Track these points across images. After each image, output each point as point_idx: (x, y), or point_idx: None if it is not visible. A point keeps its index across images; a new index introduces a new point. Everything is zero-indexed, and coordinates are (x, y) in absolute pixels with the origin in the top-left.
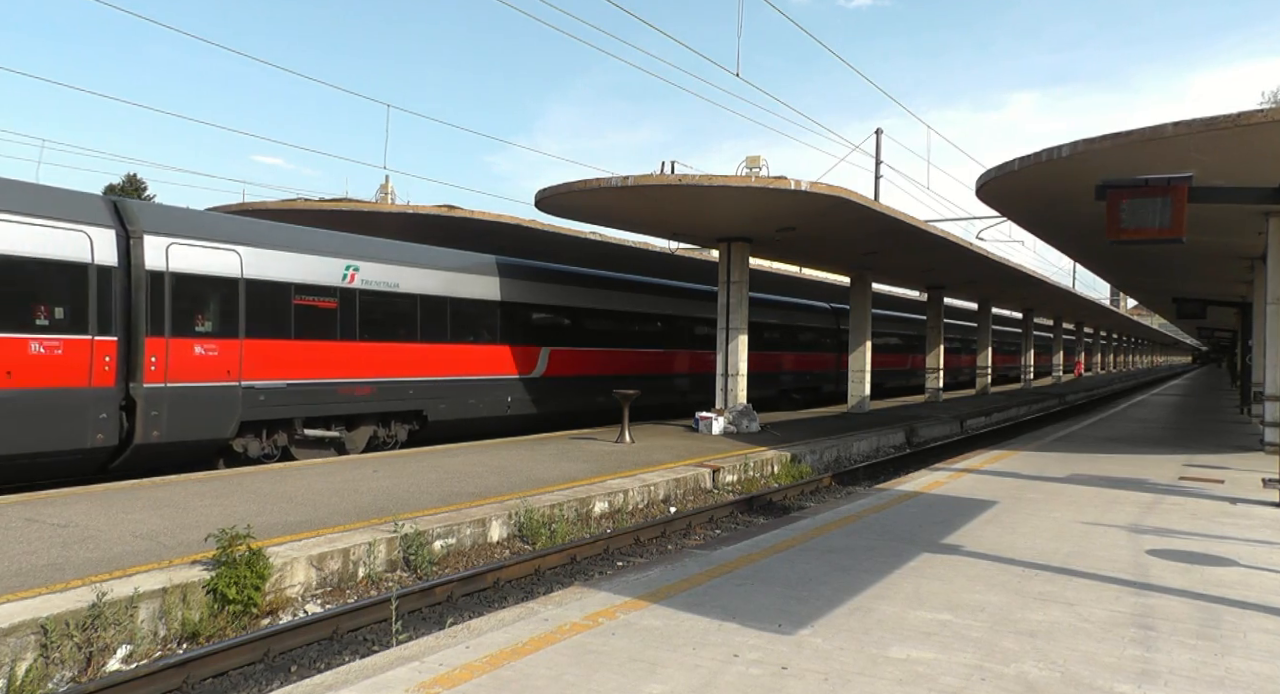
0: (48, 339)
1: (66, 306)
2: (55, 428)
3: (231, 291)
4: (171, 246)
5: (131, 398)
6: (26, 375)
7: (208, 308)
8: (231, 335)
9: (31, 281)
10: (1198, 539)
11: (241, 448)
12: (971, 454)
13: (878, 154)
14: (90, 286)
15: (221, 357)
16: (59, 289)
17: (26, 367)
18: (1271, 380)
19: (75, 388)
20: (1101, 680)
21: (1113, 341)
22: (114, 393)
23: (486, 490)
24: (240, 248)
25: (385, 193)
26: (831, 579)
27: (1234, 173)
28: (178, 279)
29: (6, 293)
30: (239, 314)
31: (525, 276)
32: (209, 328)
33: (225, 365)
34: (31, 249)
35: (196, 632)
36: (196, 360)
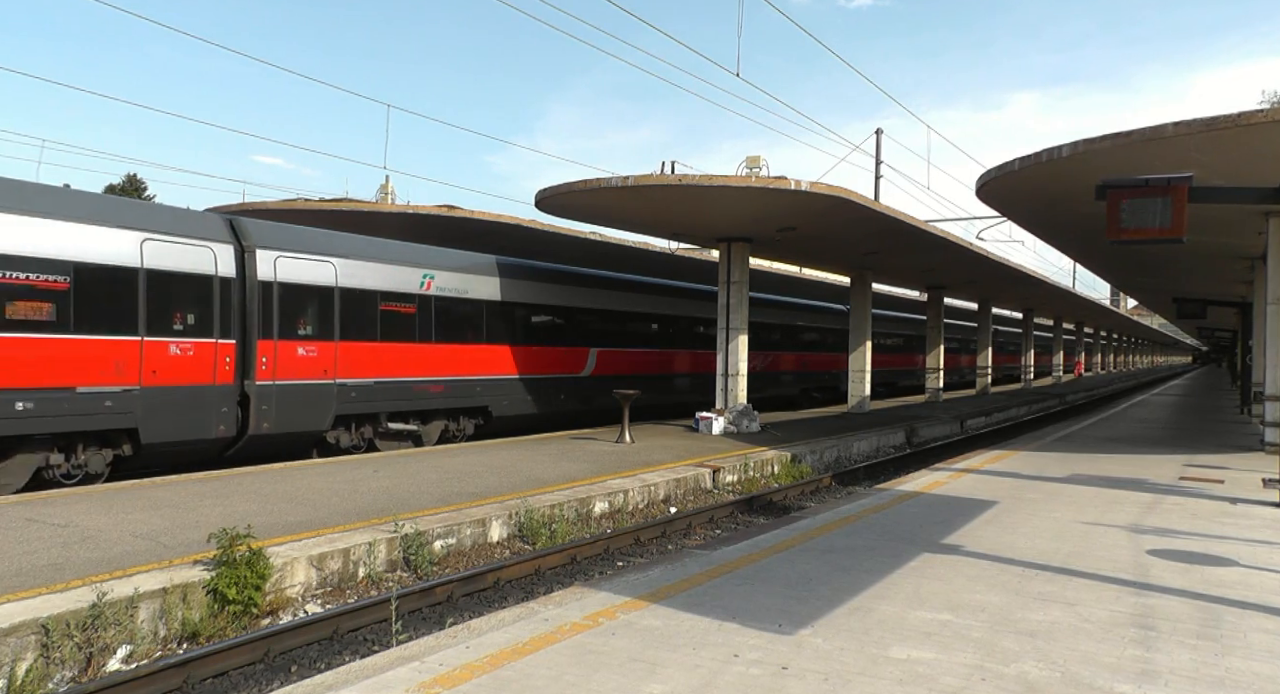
0: (182, 342)
1: (196, 313)
2: (188, 419)
3: (328, 299)
4: (278, 259)
5: (246, 394)
6: (167, 374)
7: (308, 313)
8: (328, 338)
9: (171, 292)
10: (1198, 539)
11: (334, 439)
12: (972, 454)
13: (878, 154)
14: (215, 296)
15: (320, 357)
16: (191, 298)
17: (167, 366)
18: (1271, 380)
19: (203, 385)
20: (1102, 680)
21: (1113, 342)
22: (233, 389)
23: (486, 490)
24: (335, 259)
25: (385, 193)
26: (832, 579)
27: (1234, 173)
28: (283, 288)
29: (153, 302)
30: (334, 319)
31: (576, 283)
32: (309, 331)
33: (323, 365)
34: (172, 264)
35: (197, 632)
36: (299, 361)
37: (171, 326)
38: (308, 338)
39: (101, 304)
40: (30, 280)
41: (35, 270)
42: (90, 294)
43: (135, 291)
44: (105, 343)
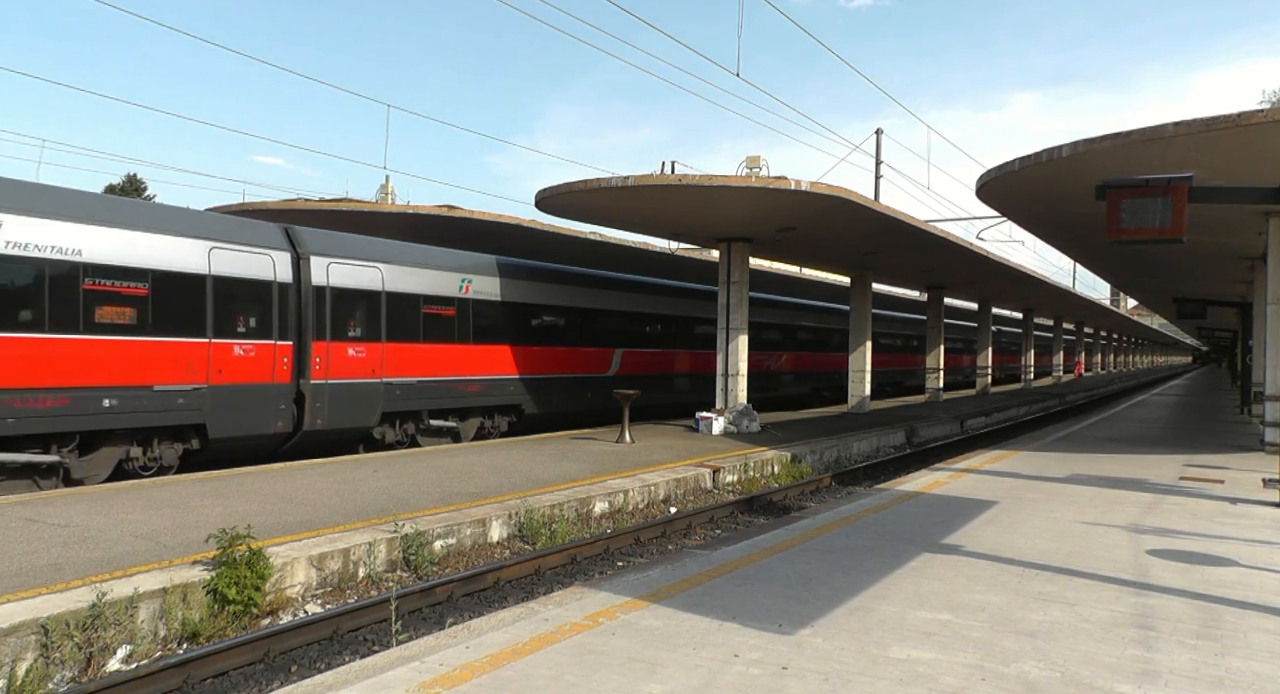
0: (245, 344)
1: (257, 317)
2: (250, 416)
3: (375, 302)
4: (331, 265)
5: (301, 392)
6: (231, 373)
7: (357, 316)
8: (376, 339)
9: (235, 297)
10: (1198, 539)
11: (380, 434)
12: (972, 454)
13: (878, 154)
14: (274, 300)
15: (368, 357)
16: (253, 303)
17: (231, 366)
18: (1272, 380)
19: (264, 384)
20: (1102, 680)
21: (1113, 342)
22: (290, 388)
23: (486, 490)
24: (381, 265)
25: (385, 193)
26: (832, 579)
27: (1234, 173)
28: (335, 292)
29: (219, 307)
30: (381, 321)
31: (602, 286)
32: (358, 333)
33: (371, 365)
34: (236, 271)
35: (196, 632)
36: (349, 361)
37: (235, 329)
38: (357, 339)
39: (175, 309)
40: (116, 287)
41: (120, 278)
42: (165, 299)
43: (204, 297)
44: (178, 345)
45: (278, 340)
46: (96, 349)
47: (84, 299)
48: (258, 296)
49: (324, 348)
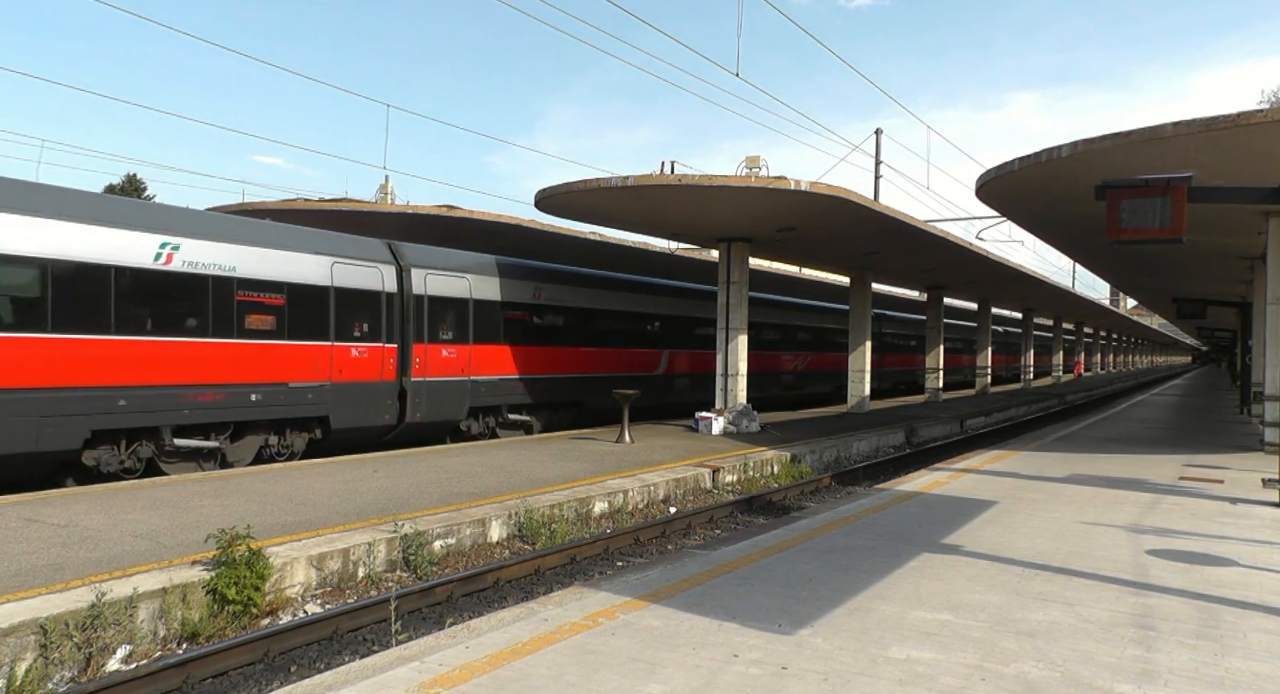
0: (359, 346)
1: (369, 322)
2: (364, 409)
3: (464, 309)
4: (428, 276)
5: (404, 389)
6: (350, 372)
7: (449, 321)
8: (464, 341)
9: (352, 306)
10: (1198, 539)
11: (466, 427)
12: (971, 454)
13: (877, 154)
14: (383, 308)
15: (458, 358)
16: (366, 310)
17: (350, 366)
18: (1271, 380)
19: (375, 381)
20: (1101, 680)
21: (1112, 342)
22: (395, 385)
23: (486, 490)
24: (469, 275)
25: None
26: (831, 579)
27: (1234, 173)
28: (431, 300)
29: (339, 314)
30: (469, 325)
31: (652, 292)
32: (450, 336)
33: (460, 364)
34: (353, 282)
35: (196, 632)
36: (443, 361)
37: (352, 333)
38: (449, 342)
39: (305, 316)
40: (261, 298)
41: (265, 291)
42: (298, 308)
43: (328, 306)
44: (308, 347)
45: (385, 343)
46: (247, 351)
47: (237, 309)
48: (369, 304)
49: (422, 350)
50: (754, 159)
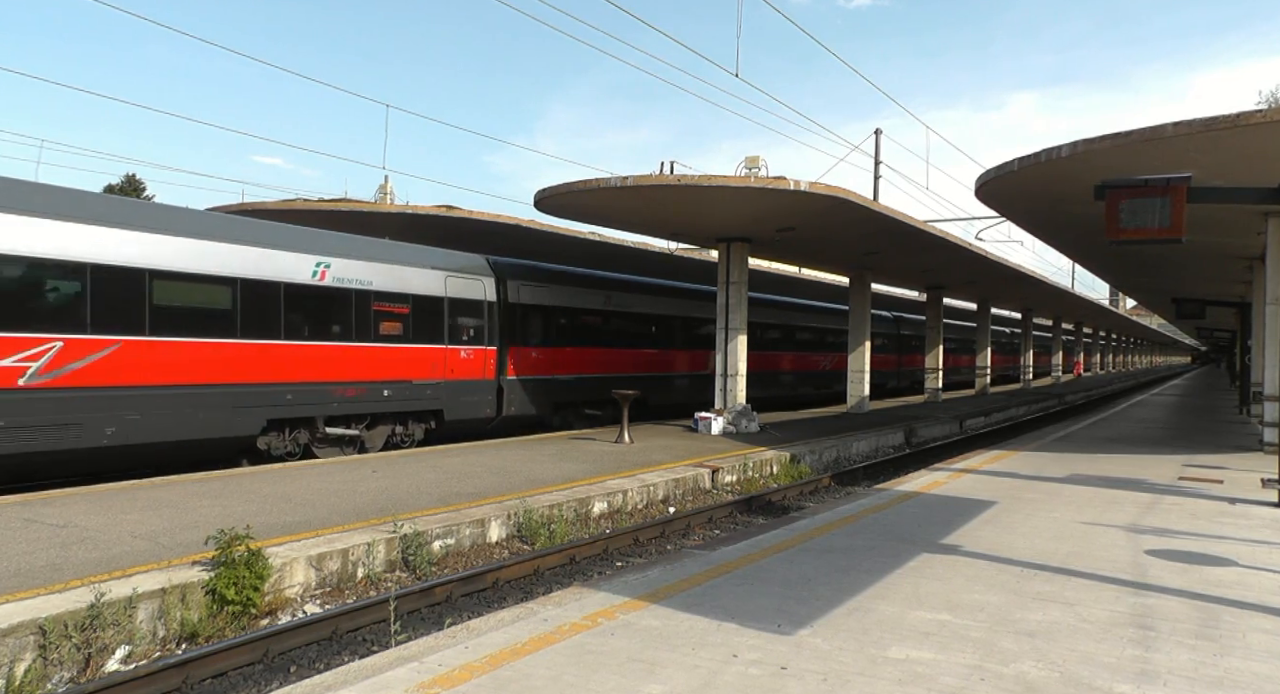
0: (467, 348)
1: (474, 328)
2: (471, 404)
3: (548, 314)
4: (520, 286)
5: (501, 386)
6: (460, 371)
7: (536, 326)
8: (548, 344)
9: (462, 313)
10: (1197, 539)
11: (550, 420)
12: (971, 454)
13: (877, 154)
14: (485, 315)
15: (543, 359)
16: (472, 317)
17: (459, 366)
18: (1270, 380)
19: (479, 379)
20: (1101, 680)
21: (1112, 342)
22: (494, 383)
23: (485, 491)
24: (551, 284)
25: (384, 193)
26: (831, 579)
27: (1233, 173)
28: (522, 308)
29: (451, 321)
30: (553, 329)
31: (699, 297)
32: (538, 340)
33: (545, 364)
34: (462, 293)
35: (195, 632)
36: (532, 361)
37: (461, 337)
38: (537, 344)
39: (425, 323)
40: (392, 308)
41: (394, 301)
42: (420, 316)
43: (442, 314)
44: (427, 350)
45: (486, 346)
46: (380, 354)
47: (373, 317)
48: (475, 312)
49: (515, 351)
50: (753, 159)
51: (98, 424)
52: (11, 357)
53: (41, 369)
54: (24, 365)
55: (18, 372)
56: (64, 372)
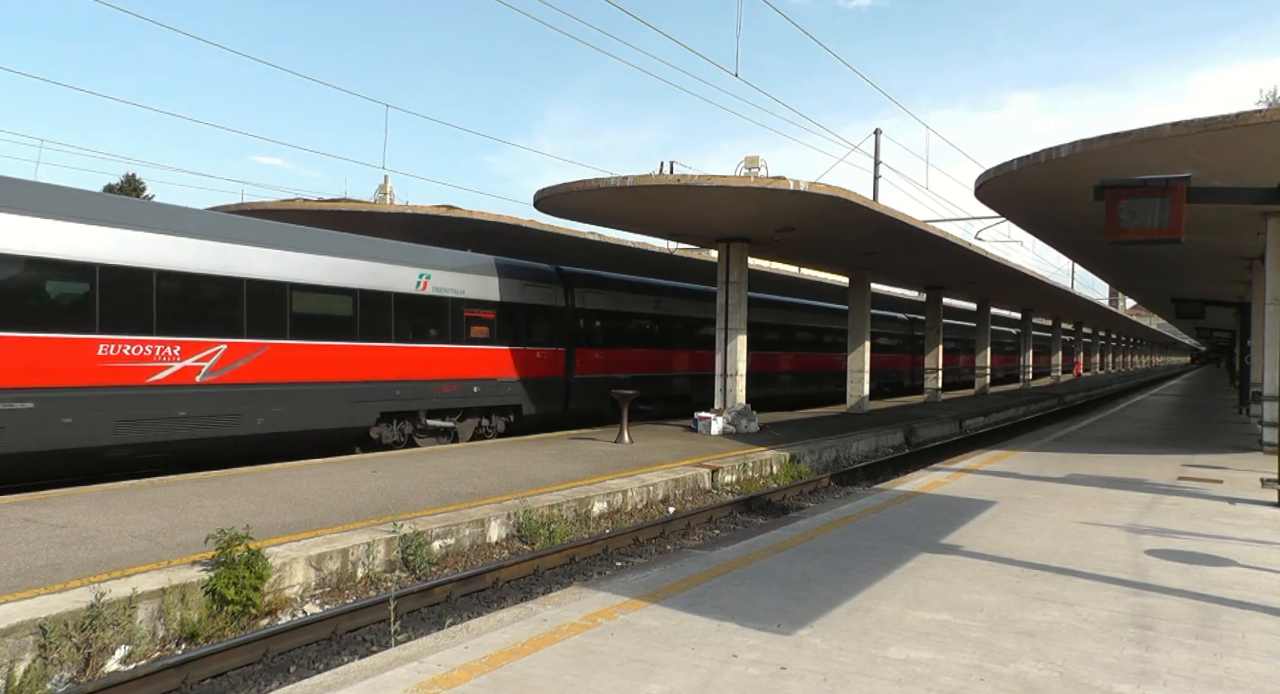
0: (542, 350)
1: (548, 331)
2: (544, 399)
3: (607, 318)
4: (586, 293)
5: (568, 383)
6: (535, 370)
7: (597, 328)
8: (607, 346)
9: (537, 318)
10: (1196, 539)
11: (607, 414)
12: (970, 454)
13: (876, 154)
14: (556, 319)
15: (604, 359)
16: (545, 321)
17: (535, 365)
18: (1270, 380)
19: (550, 377)
20: (1100, 680)
21: (1111, 342)
22: (563, 380)
23: (485, 491)
24: (610, 291)
25: (384, 193)
26: (830, 579)
27: (1232, 173)
28: (587, 312)
29: (530, 325)
30: (612, 333)
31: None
32: (599, 342)
33: (605, 364)
34: (538, 300)
35: (195, 632)
36: (594, 361)
37: (537, 340)
38: (597, 346)
39: (508, 326)
40: (480, 313)
41: (482, 308)
42: (503, 321)
43: (523, 318)
44: (508, 351)
45: (558, 347)
46: (471, 354)
47: (466, 322)
48: (548, 317)
49: (580, 352)
50: (753, 159)
51: (252, 415)
52: (192, 357)
53: (211, 368)
54: (200, 365)
55: (195, 370)
56: (228, 370)
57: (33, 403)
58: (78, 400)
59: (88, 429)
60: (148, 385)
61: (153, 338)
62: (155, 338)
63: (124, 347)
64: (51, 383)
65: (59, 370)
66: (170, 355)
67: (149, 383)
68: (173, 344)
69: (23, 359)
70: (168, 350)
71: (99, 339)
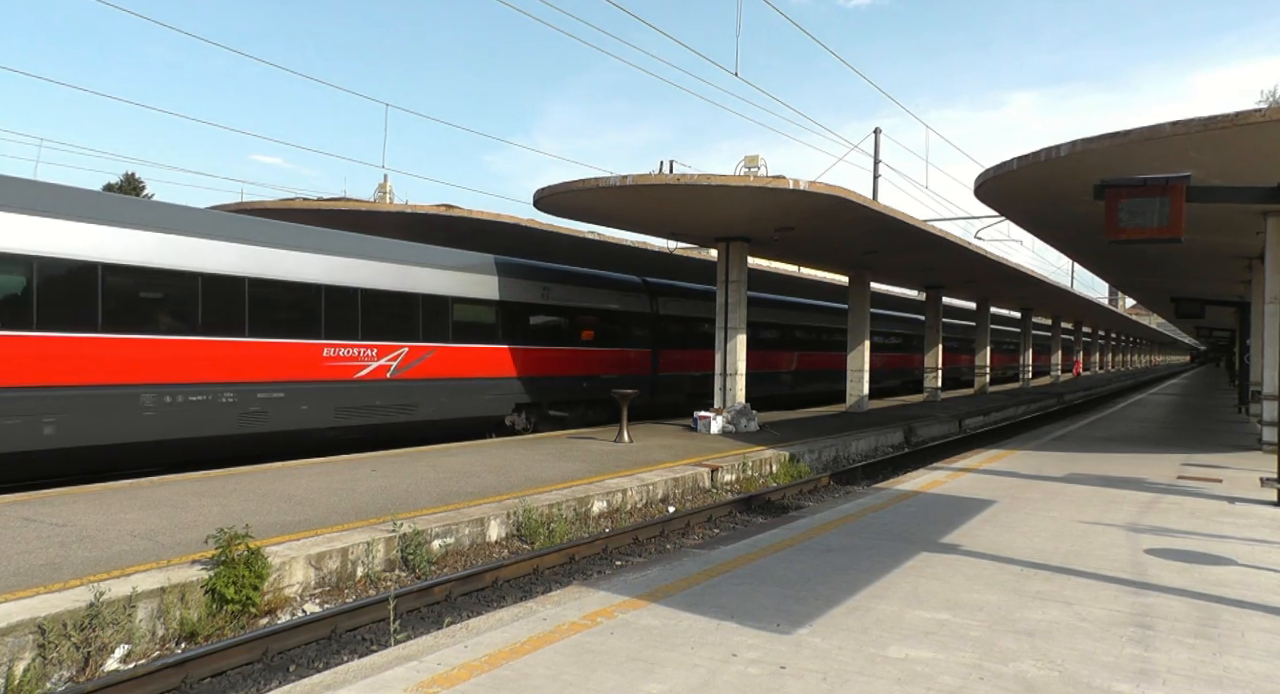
0: (634, 351)
1: (639, 334)
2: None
3: (683, 324)
4: (666, 301)
5: (653, 380)
6: (629, 368)
7: (676, 332)
8: (685, 348)
9: (632, 323)
10: (1196, 538)
11: (682, 406)
12: (970, 453)
13: (876, 153)
14: (645, 325)
15: (680, 358)
16: (637, 326)
17: (629, 364)
18: (1269, 380)
19: (641, 375)
20: (1100, 679)
21: (1111, 341)
22: (650, 377)
23: (485, 490)
24: (684, 299)
25: (384, 192)
26: (830, 578)
27: (1232, 172)
28: (667, 318)
29: (626, 330)
30: (686, 336)
31: (790, 307)
32: (676, 344)
33: (681, 363)
34: (632, 307)
35: (195, 631)
36: (672, 360)
37: (630, 342)
38: (676, 348)
39: (608, 331)
40: (590, 320)
41: (591, 315)
42: (606, 326)
43: (620, 323)
44: (609, 352)
45: (644, 348)
46: (581, 355)
47: (577, 327)
48: (638, 322)
49: (663, 353)
50: (753, 158)
51: (424, 404)
52: (384, 357)
53: (398, 366)
54: (389, 363)
55: (386, 368)
56: (408, 368)
57: (284, 393)
58: (311, 391)
59: (316, 414)
60: (354, 380)
61: (358, 342)
62: (360, 342)
63: (339, 349)
64: (295, 377)
65: (300, 368)
66: (370, 356)
67: (355, 378)
68: (371, 347)
69: (279, 359)
70: (368, 352)
71: (324, 343)
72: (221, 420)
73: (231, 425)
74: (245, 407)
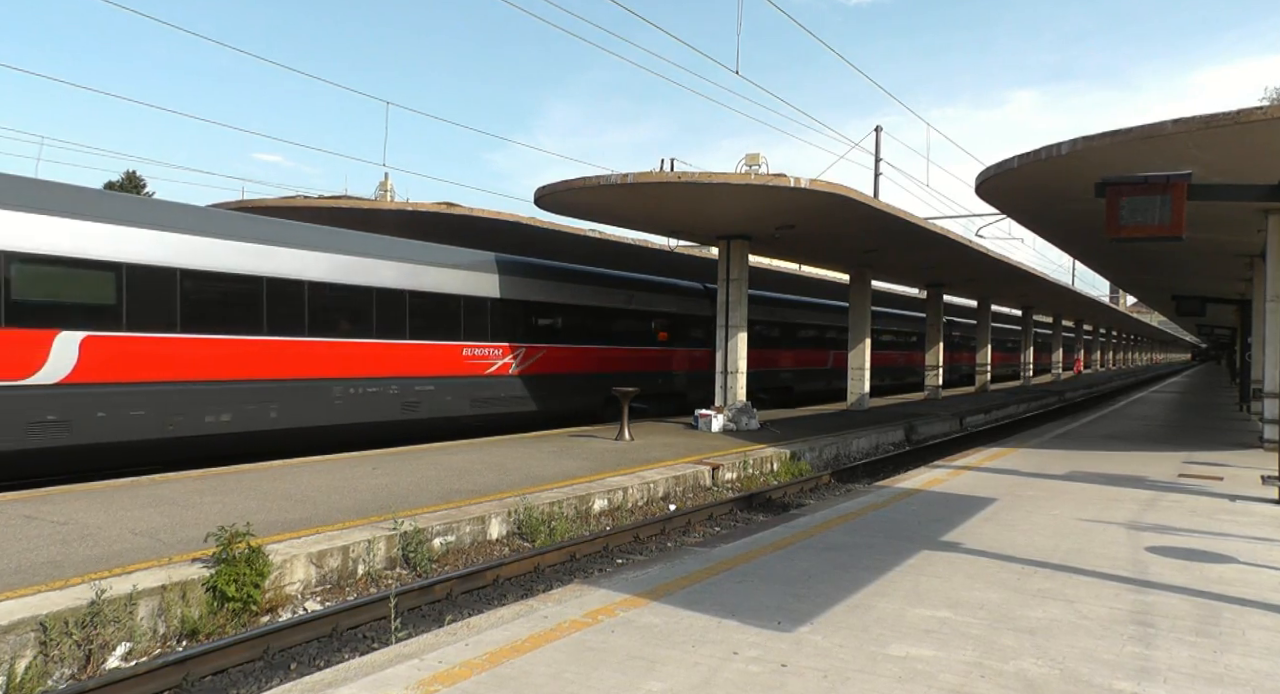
0: (697, 350)
1: (704, 335)
2: (701, 389)
3: None
4: None
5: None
6: (695, 366)
7: None
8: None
9: (698, 325)
10: (1197, 536)
11: None
12: (971, 451)
13: (877, 152)
14: (708, 327)
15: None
16: (702, 328)
17: (695, 362)
18: (1271, 377)
19: (706, 371)
20: (1101, 678)
21: (1112, 339)
22: (711, 375)
23: (486, 488)
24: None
25: (385, 190)
26: (831, 576)
27: (1233, 170)
28: None
29: (693, 331)
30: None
31: (826, 309)
32: None
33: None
34: (697, 311)
35: (196, 629)
36: None
37: (697, 342)
38: None
39: (677, 331)
40: (662, 322)
41: (664, 318)
42: (676, 327)
43: (689, 326)
44: (678, 351)
45: (709, 348)
46: (658, 353)
47: (653, 328)
48: (703, 325)
49: (718, 354)
50: (753, 156)
51: (536, 397)
52: (507, 356)
53: (518, 363)
54: (510, 361)
55: (509, 365)
56: (526, 365)
57: (434, 386)
58: (454, 385)
59: (457, 405)
60: (486, 375)
61: (488, 343)
62: (490, 343)
63: (474, 349)
64: (441, 372)
65: (445, 364)
66: (496, 355)
67: (486, 374)
68: (498, 346)
69: (431, 358)
70: (495, 351)
71: (463, 344)
72: (388, 409)
73: (395, 413)
74: (405, 397)
